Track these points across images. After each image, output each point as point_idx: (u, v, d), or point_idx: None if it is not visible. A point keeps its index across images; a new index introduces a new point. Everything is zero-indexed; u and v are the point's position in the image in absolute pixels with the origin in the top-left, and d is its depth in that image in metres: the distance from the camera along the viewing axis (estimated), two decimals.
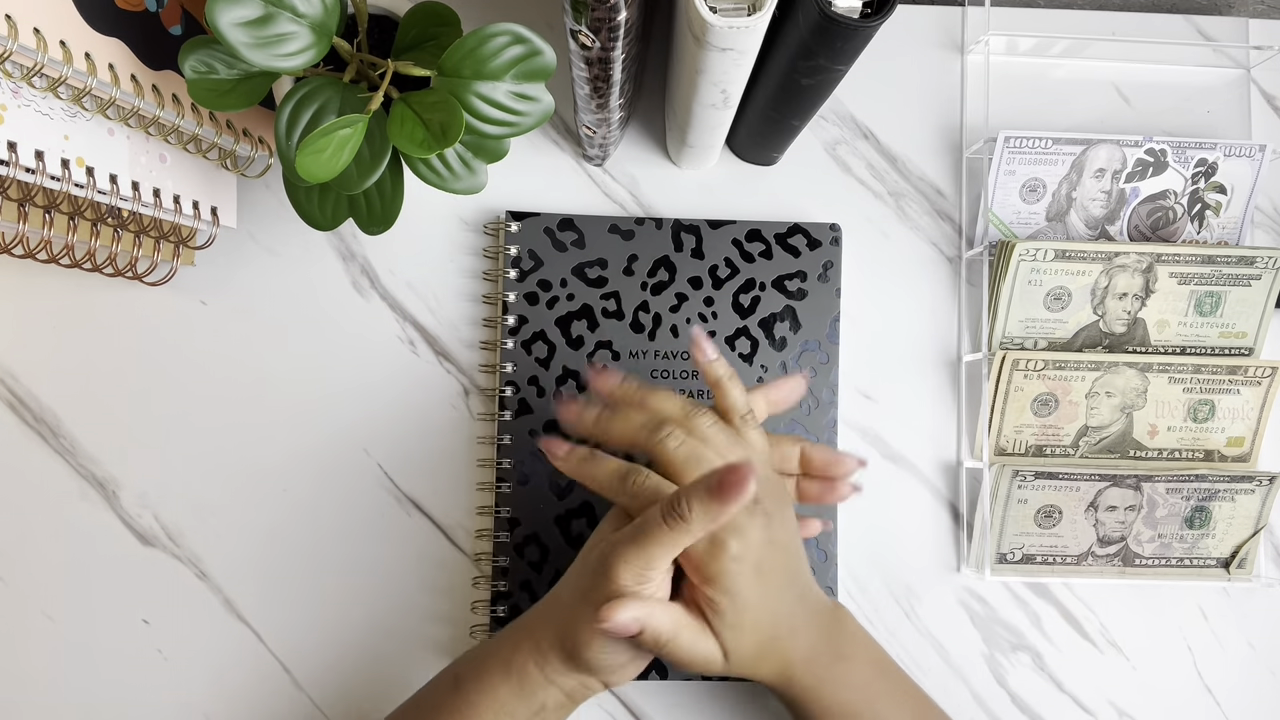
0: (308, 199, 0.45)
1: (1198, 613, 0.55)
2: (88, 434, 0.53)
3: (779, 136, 0.51)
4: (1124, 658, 0.55)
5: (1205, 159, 0.55)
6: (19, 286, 0.53)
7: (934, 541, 0.55)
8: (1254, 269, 0.54)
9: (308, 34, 0.39)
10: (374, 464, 0.54)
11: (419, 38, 0.43)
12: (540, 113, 0.42)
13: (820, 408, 0.54)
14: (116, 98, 0.40)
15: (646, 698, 0.53)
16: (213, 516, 0.53)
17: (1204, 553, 0.55)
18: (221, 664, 0.52)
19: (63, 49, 0.36)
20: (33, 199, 0.42)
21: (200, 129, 0.45)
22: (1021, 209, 0.55)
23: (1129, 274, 0.54)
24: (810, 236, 0.54)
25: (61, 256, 0.45)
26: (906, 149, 0.57)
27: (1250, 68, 0.58)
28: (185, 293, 0.54)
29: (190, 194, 0.47)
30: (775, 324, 0.54)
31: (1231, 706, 0.55)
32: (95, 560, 0.52)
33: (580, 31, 0.37)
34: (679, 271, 0.54)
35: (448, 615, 0.53)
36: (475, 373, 0.54)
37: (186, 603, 0.52)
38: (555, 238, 0.54)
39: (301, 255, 0.54)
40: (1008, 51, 0.57)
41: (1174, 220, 0.56)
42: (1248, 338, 0.55)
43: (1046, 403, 0.54)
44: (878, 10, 0.39)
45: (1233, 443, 0.55)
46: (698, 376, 0.53)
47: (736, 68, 0.41)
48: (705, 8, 0.36)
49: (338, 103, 0.42)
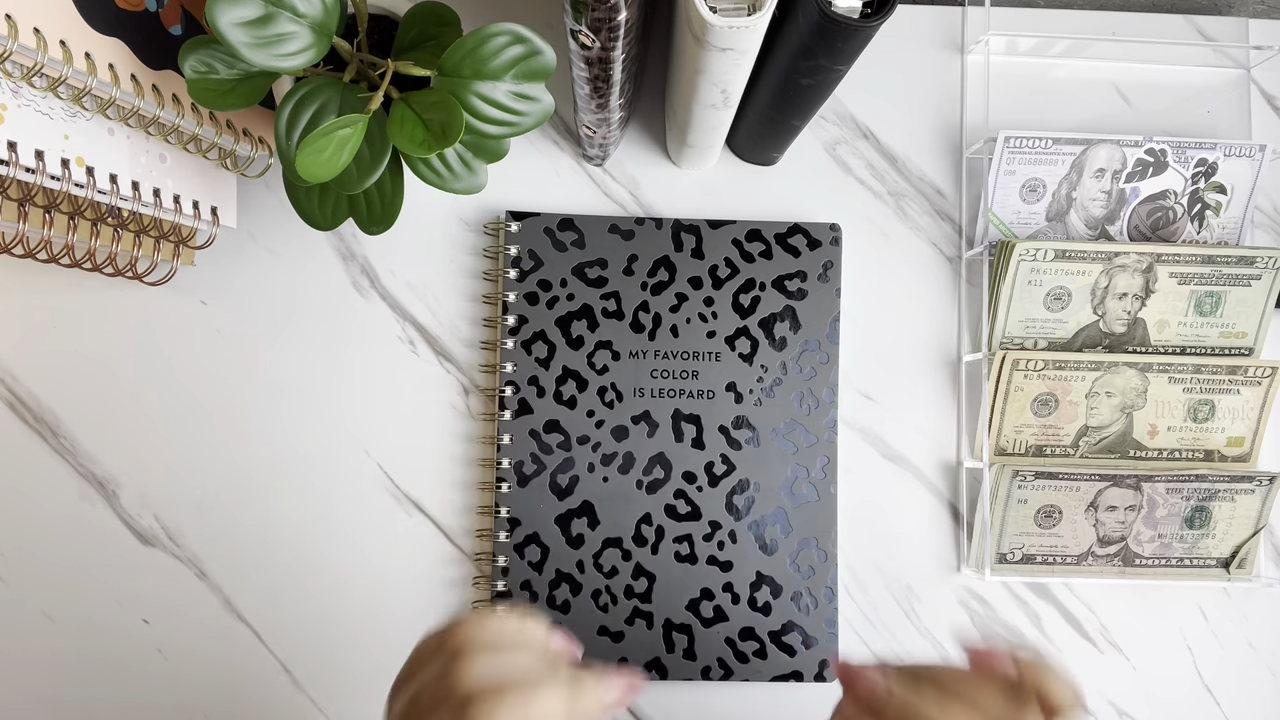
0: (308, 199, 0.45)
1: (1198, 613, 0.55)
2: (88, 434, 0.53)
3: (779, 136, 0.51)
4: (1124, 658, 0.55)
5: (1205, 159, 0.55)
6: (19, 286, 0.53)
7: (934, 542, 0.55)
8: (1254, 269, 0.54)
9: (308, 34, 0.39)
10: (374, 464, 0.54)
11: (419, 38, 0.43)
12: (540, 113, 0.42)
13: (820, 408, 0.54)
14: (116, 98, 0.40)
15: (646, 698, 0.53)
16: (213, 516, 0.53)
17: (1204, 553, 0.55)
18: (221, 664, 0.52)
19: (63, 49, 0.36)
20: (33, 199, 0.42)
21: (200, 129, 0.45)
22: (1021, 209, 0.55)
23: (1129, 274, 0.54)
24: (810, 236, 0.54)
25: (61, 256, 0.45)
26: (906, 149, 0.57)
27: (1250, 68, 0.58)
28: (185, 293, 0.54)
29: (190, 194, 0.47)
30: (775, 324, 0.54)
31: (1231, 706, 0.55)
32: (95, 560, 0.52)
33: (580, 31, 0.37)
34: (679, 271, 0.54)
35: (448, 615, 0.53)
36: (475, 373, 0.54)
37: (186, 603, 0.52)
38: (555, 238, 0.54)
39: (301, 255, 0.54)
40: (1008, 51, 0.57)
41: (1174, 220, 0.56)
42: (1248, 338, 0.55)
43: (1046, 403, 0.54)
44: (878, 10, 0.39)
45: (1233, 443, 0.55)
46: (698, 377, 0.54)
47: (736, 68, 0.41)
48: (705, 8, 0.36)
49: (338, 103, 0.41)
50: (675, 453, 0.53)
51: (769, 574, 0.53)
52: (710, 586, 0.53)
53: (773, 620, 0.53)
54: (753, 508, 0.53)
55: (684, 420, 0.53)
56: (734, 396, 0.53)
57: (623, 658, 0.52)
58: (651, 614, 0.52)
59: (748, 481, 0.53)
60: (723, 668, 0.52)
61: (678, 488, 0.53)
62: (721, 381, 0.53)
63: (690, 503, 0.53)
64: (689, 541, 0.53)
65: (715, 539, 0.53)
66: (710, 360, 0.54)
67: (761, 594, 0.53)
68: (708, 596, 0.53)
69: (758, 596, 0.53)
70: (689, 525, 0.53)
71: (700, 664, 0.52)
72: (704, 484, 0.53)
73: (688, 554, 0.53)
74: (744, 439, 0.53)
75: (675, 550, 0.53)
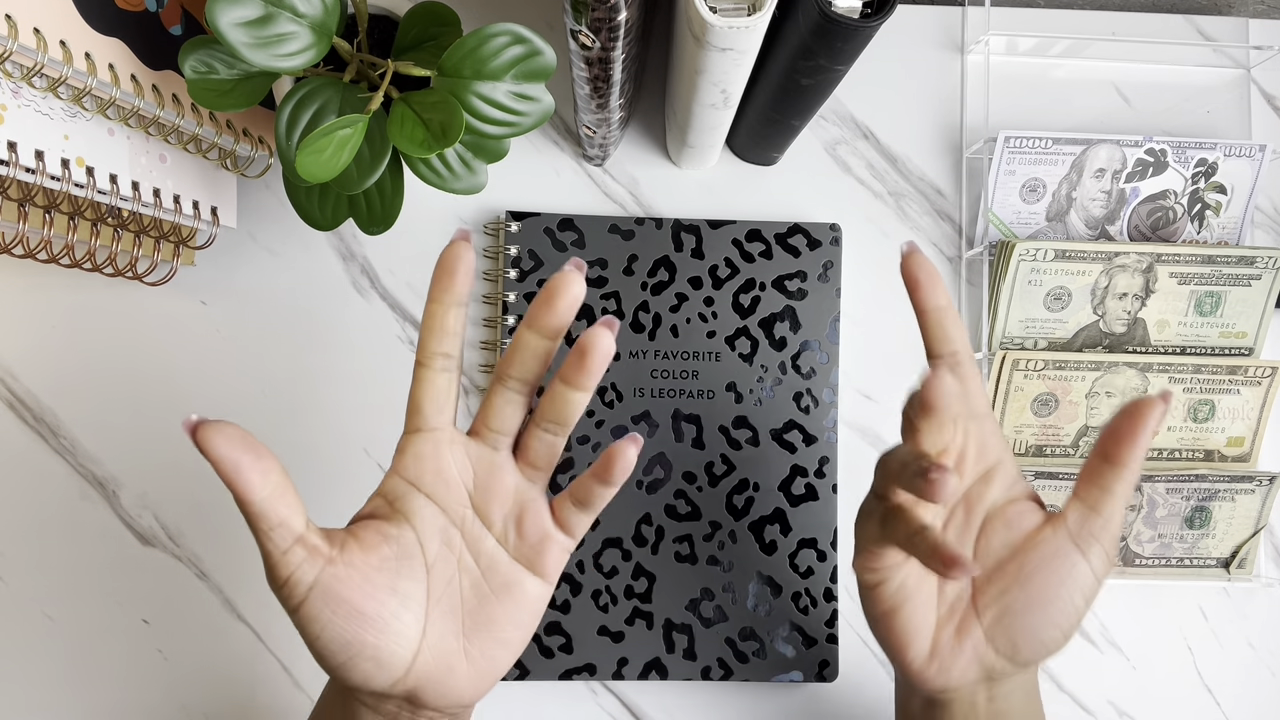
0: (308, 199, 0.45)
1: (1198, 613, 0.55)
2: (88, 434, 0.53)
3: (779, 136, 0.51)
4: (1124, 658, 0.55)
5: (1205, 159, 0.55)
6: (19, 286, 0.53)
7: None
8: (1254, 269, 0.54)
9: (308, 34, 0.39)
10: (374, 464, 0.54)
11: (419, 38, 0.43)
12: (540, 113, 0.42)
13: (820, 408, 0.54)
14: (116, 98, 0.40)
15: (646, 698, 0.53)
16: (213, 516, 0.53)
17: (1204, 553, 0.55)
18: (221, 664, 0.52)
19: (63, 49, 0.36)
20: (33, 199, 0.42)
21: (200, 129, 0.45)
22: (1021, 209, 0.56)
23: (1129, 274, 0.54)
24: (810, 236, 0.54)
25: (61, 256, 0.45)
26: (906, 149, 0.57)
27: (1250, 68, 0.58)
28: (185, 293, 0.54)
29: (190, 194, 0.47)
30: (775, 324, 0.54)
31: (1231, 706, 0.55)
32: (95, 560, 0.52)
33: (580, 31, 0.37)
34: (679, 271, 0.54)
35: None
36: (475, 373, 0.54)
37: (186, 603, 0.52)
38: (555, 238, 0.54)
39: (301, 255, 0.54)
40: (1008, 51, 0.57)
41: (1174, 220, 0.56)
42: (1248, 338, 0.55)
43: (1046, 403, 0.54)
44: (878, 10, 0.39)
45: (1233, 443, 0.55)
46: (698, 376, 0.53)
47: (736, 68, 0.41)
48: (705, 8, 0.36)
49: (338, 103, 0.42)
50: (675, 453, 0.53)
51: (769, 574, 0.53)
52: (710, 586, 0.53)
53: (773, 620, 0.53)
54: (753, 508, 0.53)
55: (684, 420, 0.53)
56: (734, 396, 0.53)
57: (623, 658, 0.52)
58: (651, 614, 0.52)
59: (748, 481, 0.53)
60: (723, 668, 0.52)
61: (678, 488, 0.53)
62: (721, 381, 0.53)
63: (690, 503, 0.53)
64: (689, 541, 0.53)
65: (715, 539, 0.53)
66: (710, 360, 0.54)
67: (762, 594, 0.53)
68: (708, 596, 0.53)
69: (758, 596, 0.53)
70: (689, 525, 0.53)
71: (700, 664, 0.52)
72: (704, 484, 0.53)
73: (688, 554, 0.53)
74: (744, 439, 0.53)
75: (675, 550, 0.53)
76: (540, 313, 0.33)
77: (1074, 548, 0.37)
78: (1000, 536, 0.38)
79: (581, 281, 0.33)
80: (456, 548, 0.35)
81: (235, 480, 0.30)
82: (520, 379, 0.35)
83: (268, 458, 0.31)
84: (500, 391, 0.35)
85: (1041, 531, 0.38)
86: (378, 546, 0.34)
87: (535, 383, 0.35)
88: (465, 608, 0.35)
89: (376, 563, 0.33)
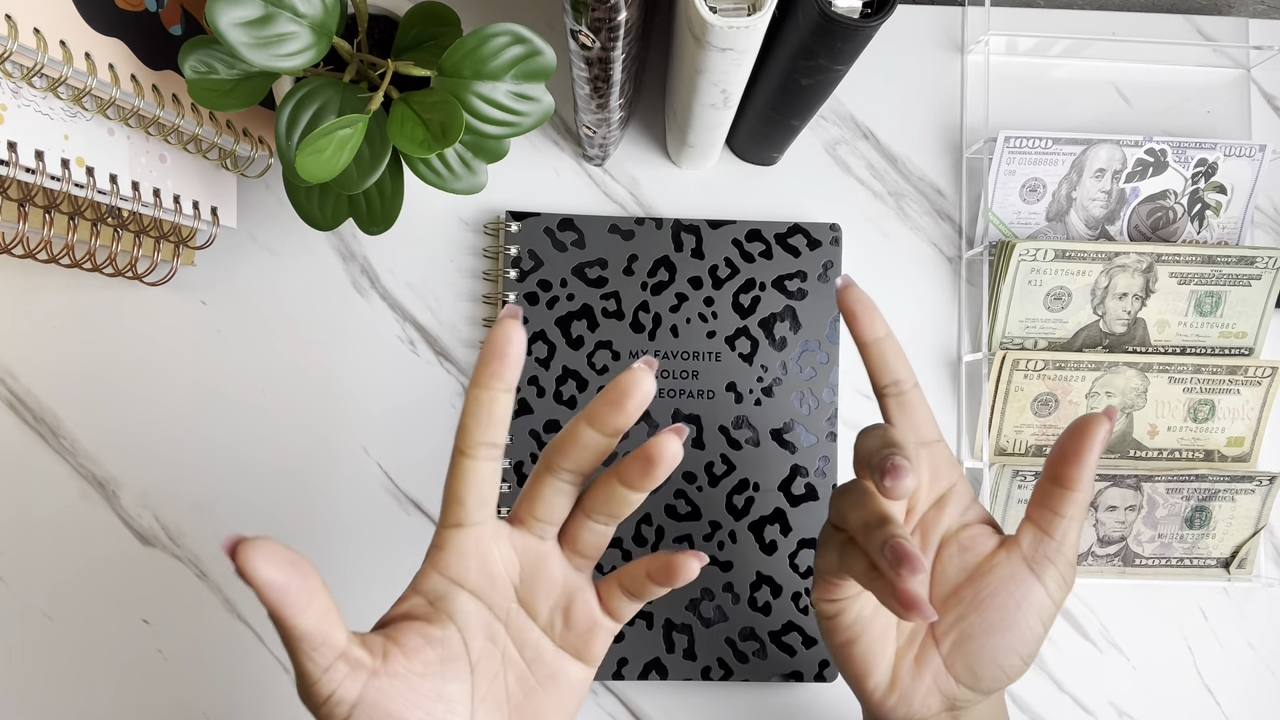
0: (308, 199, 0.45)
1: (1198, 613, 0.55)
2: (88, 434, 0.53)
3: (779, 136, 0.51)
4: (1124, 658, 0.55)
5: (1205, 159, 0.55)
6: (19, 286, 0.53)
7: None
8: (1254, 269, 0.54)
9: (308, 34, 0.39)
10: (374, 464, 0.54)
11: (419, 38, 0.43)
12: (540, 113, 0.42)
13: (820, 408, 0.54)
14: (116, 98, 0.40)
15: (646, 698, 0.53)
16: (213, 516, 0.53)
17: (1204, 553, 0.55)
18: (221, 664, 0.52)
19: (63, 49, 0.36)
20: (33, 199, 0.42)
21: (200, 129, 0.45)
22: (1021, 209, 0.55)
23: (1129, 274, 0.54)
24: (810, 236, 0.54)
25: (61, 256, 0.45)
26: (906, 149, 0.57)
27: (1250, 68, 0.58)
28: (185, 293, 0.54)
29: (190, 194, 0.47)
30: (775, 324, 0.54)
31: (1231, 706, 0.55)
32: (95, 560, 0.52)
33: (580, 31, 0.37)
34: (679, 271, 0.54)
35: None
36: None
37: (186, 603, 0.52)
38: (555, 238, 0.54)
39: (301, 255, 0.54)
40: (1008, 51, 0.57)
41: (1174, 220, 0.56)
42: (1248, 338, 0.55)
43: (1046, 403, 0.54)
44: (878, 10, 0.39)
45: (1233, 443, 0.55)
46: (698, 377, 0.54)
47: (736, 68, 0.41)
48: (705, 8, 0.36)
49: (338, 103, 0.42)
50: None
51: (769, 574, 0.53)
52: (710, 586, 0.53)
53: (773, 620, 0.53)
54: (753, 508, 0.53)
55: (684, 420, 0.53)
56: (734, 396, 0.53)
57: (623, 658, 0.52)
58: (651, 614, 0.52)
59: (748, 481, 0.53)
60: (723, 668, 0.52)
61: (678, 488, 0.53)
62: (721, 381, 0.53)
63: (690, 503, 0.53)
64: (689, 541, 0.53)
65: (715, 539, 0.53)
66: (710, 360, 0.54)
67: (761, 594, 0.53)
68: (708, 596, 0.53)
69: (758, 596, 0.53)
70: (689, 525, 0.53)
71: (700, 664, 0.52)
72: (704, 484, 0.53)
73: None
74: (744, 439, 0.53)
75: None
76: (605, 412, 0.31)
77: (1029, 571, 0.37)
78: (956, 562, 0.38)
79: (652, 380, 0.30)
80: (501, 642, 0.33)
81: (281, 608, 0.27)
82: (574, 471, 0.32)
83: (312, 575, 0.28)
84: (550, 481, 0.32)
85: (996, 555, 0.38)
86: (421, 651, 0.31)
87: (588, 475, 0.33)
88: (511, 702, 0.33)
89: (420, 668, 0.31)
